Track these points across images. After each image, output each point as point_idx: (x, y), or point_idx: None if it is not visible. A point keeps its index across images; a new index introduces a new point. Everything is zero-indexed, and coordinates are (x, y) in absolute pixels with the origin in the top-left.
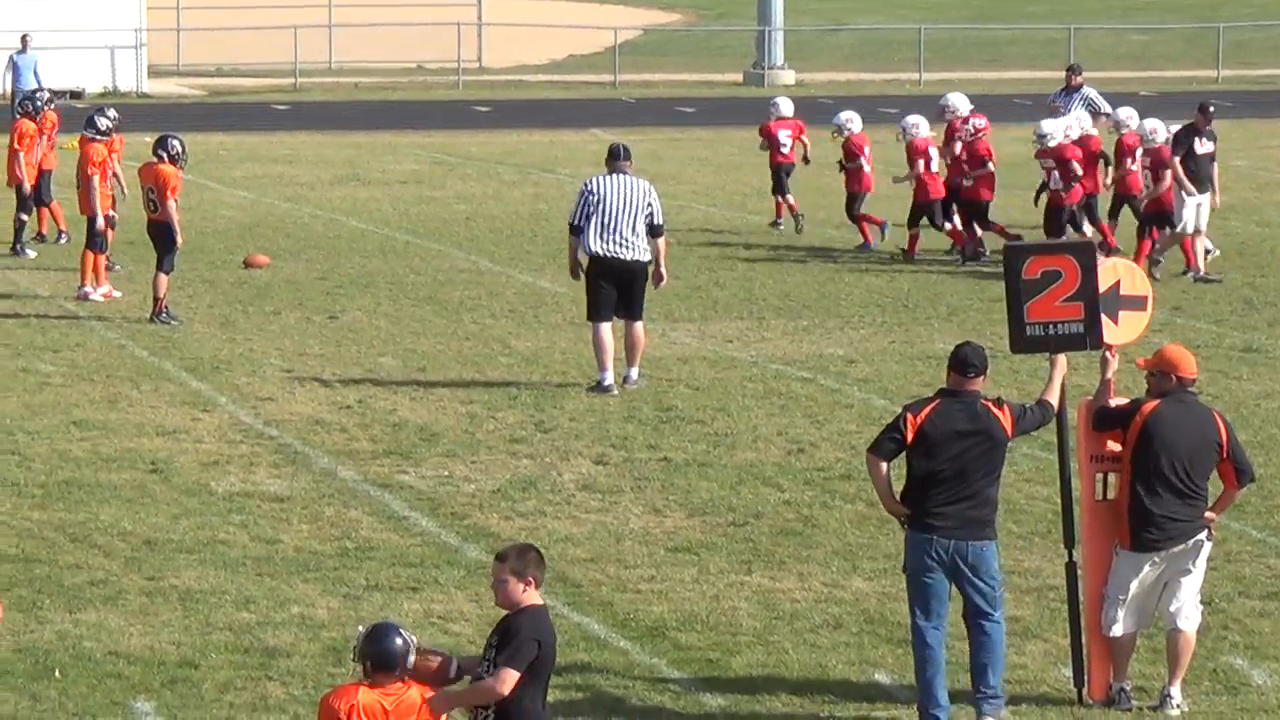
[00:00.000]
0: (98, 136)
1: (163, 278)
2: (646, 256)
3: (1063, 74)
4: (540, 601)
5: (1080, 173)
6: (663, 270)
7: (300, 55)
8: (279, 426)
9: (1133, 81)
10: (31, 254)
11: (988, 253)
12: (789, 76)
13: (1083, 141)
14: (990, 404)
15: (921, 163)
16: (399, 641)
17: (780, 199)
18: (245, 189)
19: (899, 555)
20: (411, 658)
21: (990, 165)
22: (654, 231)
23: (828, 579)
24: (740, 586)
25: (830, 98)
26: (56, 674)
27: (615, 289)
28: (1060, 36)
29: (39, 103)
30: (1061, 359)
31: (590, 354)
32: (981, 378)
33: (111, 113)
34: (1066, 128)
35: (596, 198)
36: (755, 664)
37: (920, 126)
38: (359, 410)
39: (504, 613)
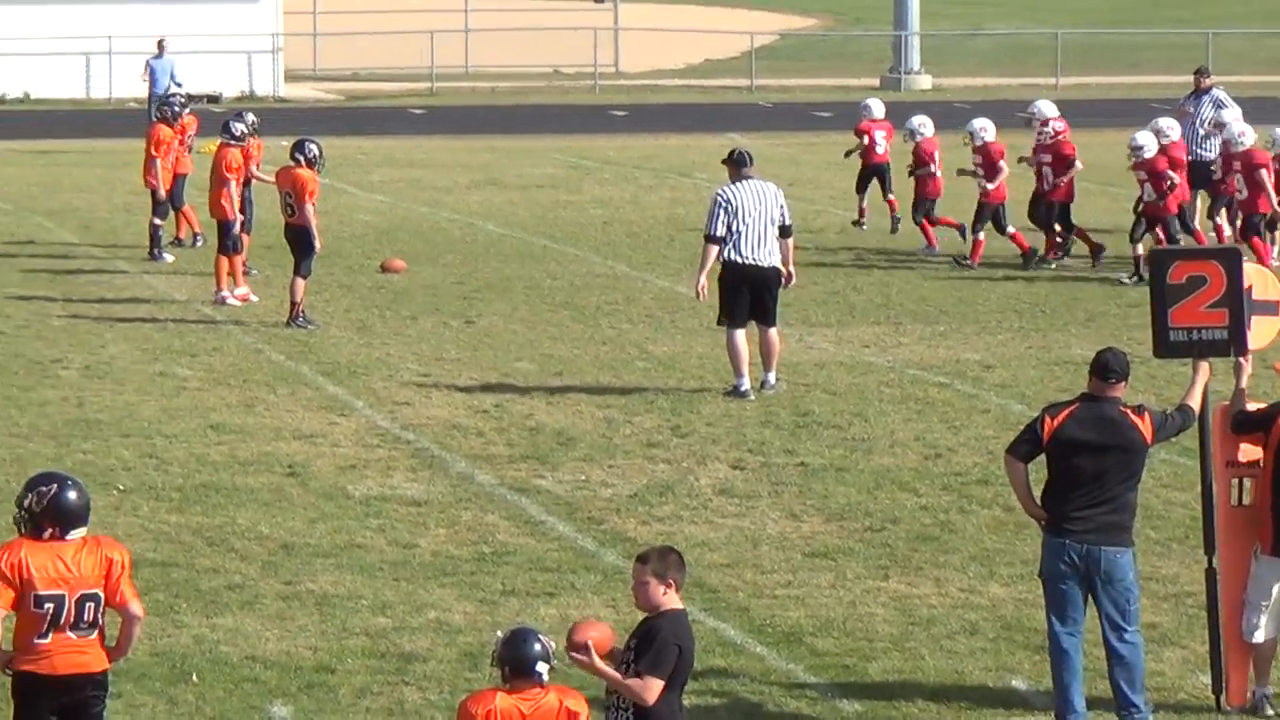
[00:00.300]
0: (232, 142)
1: (300, 282)
2: (778, 260)
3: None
4: (680, 605)
5: (1177, 182)
6: (791, 270)
7: (437, 59)
8: (416, 431)
9: (1270, 86)
10: (168, 258)
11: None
12: (925, 81)
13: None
14: (1130, 411)
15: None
16: (537, 647)
17: (861, 198)
18: (382, 193)
19: (1036, 560)
20: (550, 663)
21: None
22: (784, 233)
23: (964, 584)
24: (877, 592)
25: (966, 103)
26: (193, 678)
27: (750, 295)
28: (1198, 41)
29: (176, 108)
30: (1205, 365)
31: (726, 358)
32: (1123, 384)
33: (250, 118)
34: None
35: (734, 207)
36: (891, 670)
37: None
38: (496, 415)
39: (642, 616)
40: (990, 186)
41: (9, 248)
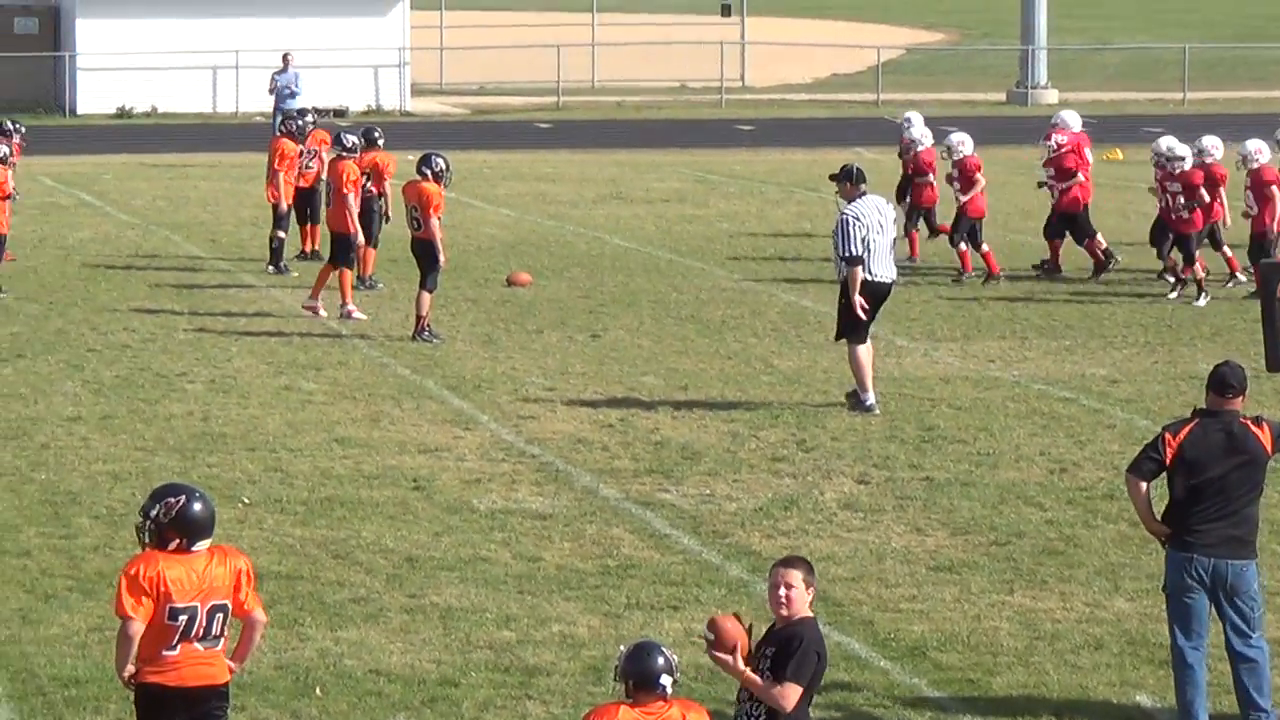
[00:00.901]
0: (345, 154)
1: (425, 296)
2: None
3: None
4: (812, 614)
5: (1208, 199)
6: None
7: (563, 74)
8: (541, 445)
9: None
10: (293, 273)
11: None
12: (1052, 96)
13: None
14: (1249, 422)
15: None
16: (661, 660)
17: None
18: (508, 207)
19: (1161, 575)
20: (674, 677)
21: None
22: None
23: (1089, 599)
24: (1001, 606)
25: (1093, 117)
26: (317, 691)
27: (877, 310)
28: None
29: (300, 122)
30: None
31: (840, 370)
32: (1240, 397)
33: (378, 133)
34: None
35: (865, 224)
36: (1016, 685)
37: (966, 144)
38: (621, 429)
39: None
40: (964, 199)
41: (136, 261)
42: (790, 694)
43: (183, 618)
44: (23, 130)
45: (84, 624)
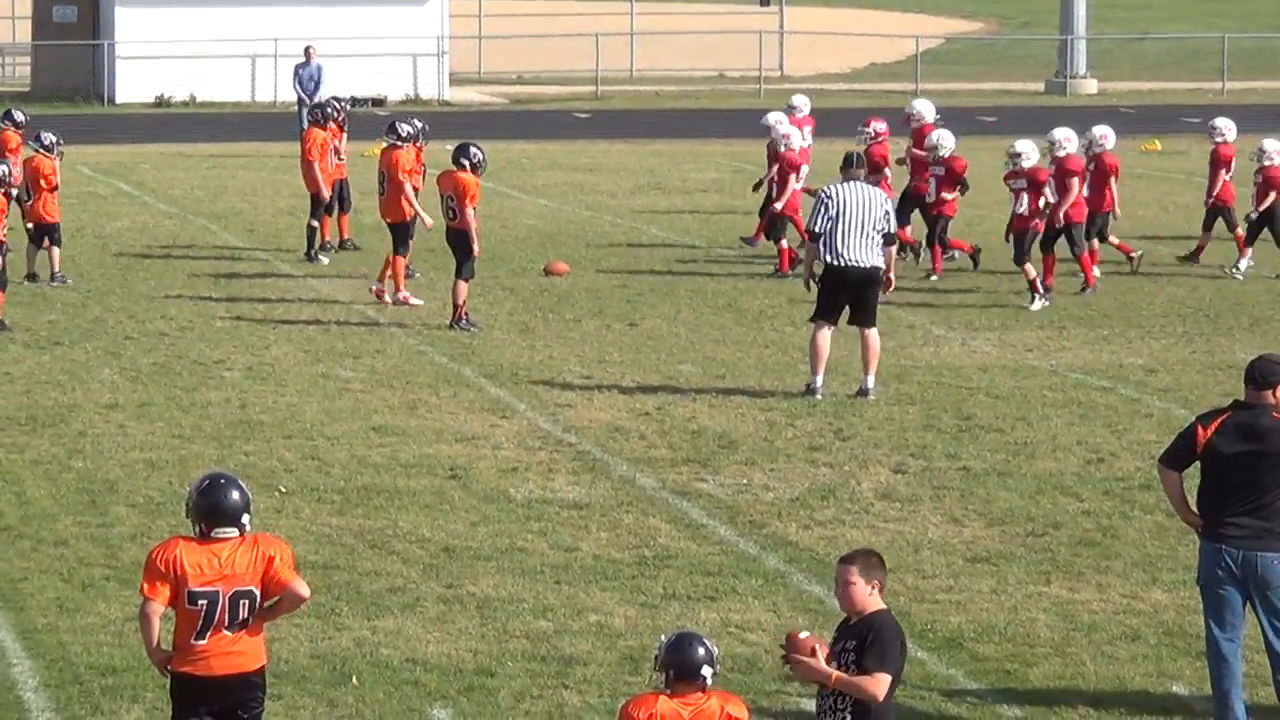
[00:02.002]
0: (399, 142)
1: (462, 285)
2: (881, 263)
3: None
4: (884, 606)
5: (1053, 199)
6: (892, 276)
7: (601, 63)
8: (578, 433)
9: None
10: (324, 260)
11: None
12: (1091, 86)
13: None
14: None
15: (1224, 171)
16: (702, 651)
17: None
18: (546, 197)
19: (1196, 566)
20: (714, 668)
21: (885, 171)
22: (887, 240)
23: (1127, 590)
24: (1038, 597)
25: (1132, 107)
26: (354, 680)
27: (849, 297)
28: None
29: (330, 110)
30: None
31: (888, 361)
32: (1276, 390)
33: (418, 123)
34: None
35: (836, 205)
36: (1052, 675)
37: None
38: (658, 418)
39: (848, 618)
40: (948, 198)
41: (174, 250)
42: (880, 682)
43: (202, 602)
44: (25, 120)
45: (120, 613)
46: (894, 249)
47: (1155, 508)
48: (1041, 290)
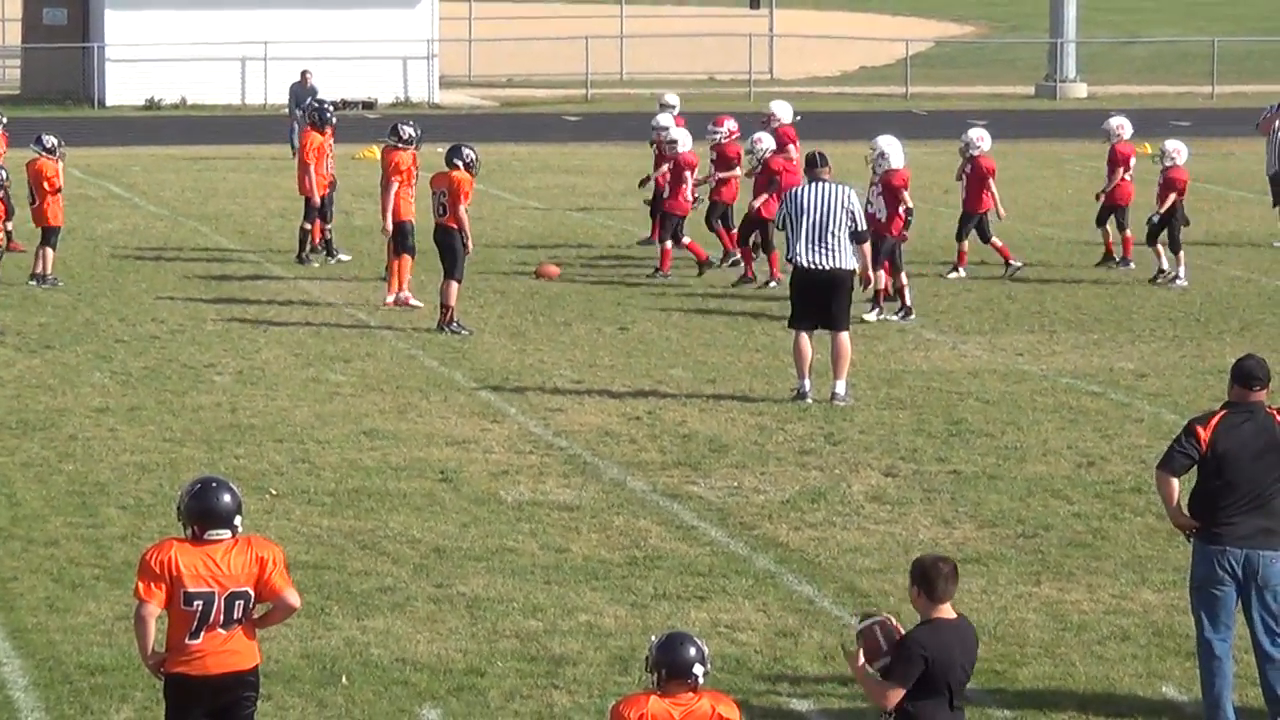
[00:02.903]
0: (400, 144)
1: (453, 286)
2: (850, 264)
3: None
4: (949, 616)
5: (910, 205)
6: (870, 274)
7: (591, 66)
8: (568, 437)
9: None
10: (315, 263)
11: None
12: (1080, 89)
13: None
14: (1276, 412)
15: (1121, 170)
16: (693, 650)
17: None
18: (537, 199)
19: (1188, 567)
20: (705, 667)
21: (735, 169)
22: (857, 238)
23: (1116, 591)
24: (1028, 598)
25: (1122, 110)
26: (344, 680)
27: (817, 299)
28: None
29: (326, 114)
30: None
31: (879, 366)
32: (1265, 390)
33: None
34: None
35: (798, 207)
36: (1042, 676)
37: (1182, 153)
38: (648, 421)
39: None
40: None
41: (164, 253)
42: (886, 693)
43: (198, 603)
44: (4, 121)
45: (110, 612)
46: (866, 247)
47: (1145, 510)
48: (882, 305)
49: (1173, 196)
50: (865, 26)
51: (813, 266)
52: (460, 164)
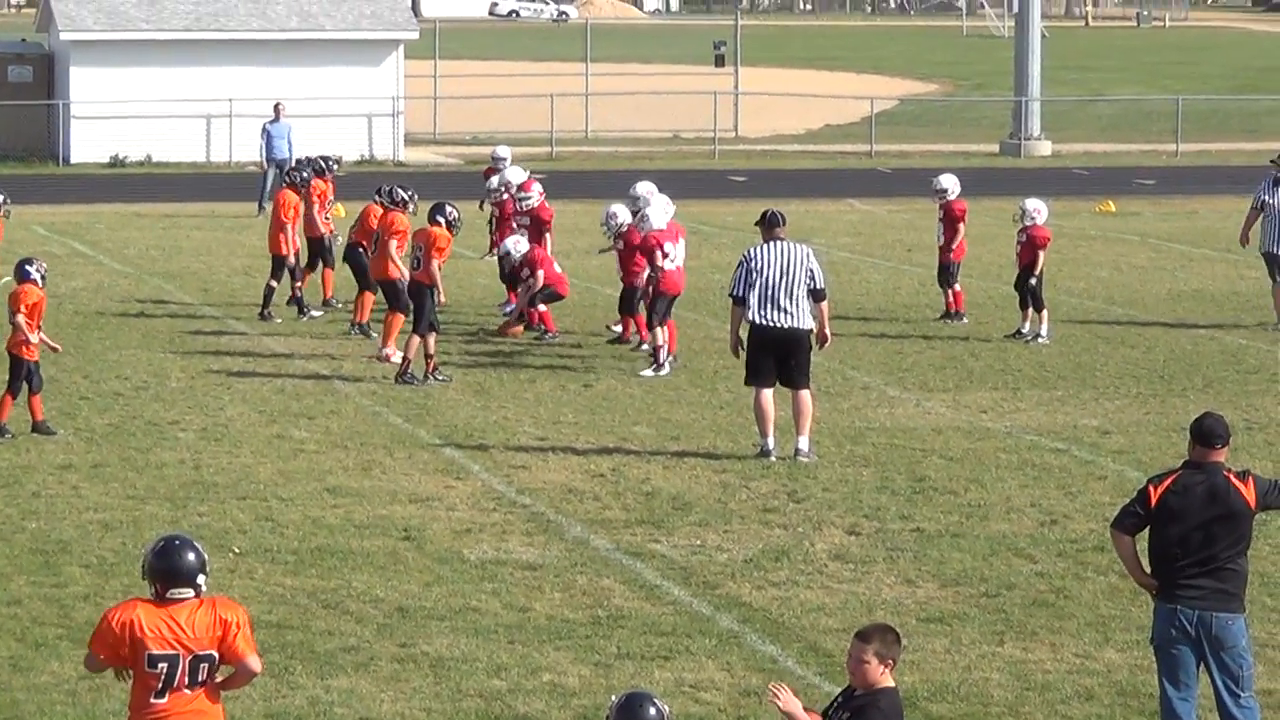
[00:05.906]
0: (392, 206)
1: (415, 339)
2: (807, 324)
3: None
4: (893, 684)
5: (660, 264)
6: (827, 333)
7: (556, 124)
8: (532, 495)
9: None
10: (278, 320)
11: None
12: (1045, 147)
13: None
14: (1233, 476)
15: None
16: (653, 711)
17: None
18: None
19: (1151, 627)
20: None
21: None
22: (816, 296)
23: (1080, 650)
24: (992, 657)
25: (1085, 169)
26: None
27: (775, 357)
28: None
29: (304, 175)
30: None
31: (843, 423)
32: (1225, 449)
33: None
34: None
35: (756, 266)
36: None
37: (1041, 212)
38: (612, 479)
39: (851, 688)
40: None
41: (129, 309)
42: None
43: (162, 665)
44: None
45: (74, 672)
46: (825, 305)
47: (1109, 569)
48: (663, 360)
49: (1040, 255)
50: (830, 85)
51: (770, 325)
52: (442, 220)
